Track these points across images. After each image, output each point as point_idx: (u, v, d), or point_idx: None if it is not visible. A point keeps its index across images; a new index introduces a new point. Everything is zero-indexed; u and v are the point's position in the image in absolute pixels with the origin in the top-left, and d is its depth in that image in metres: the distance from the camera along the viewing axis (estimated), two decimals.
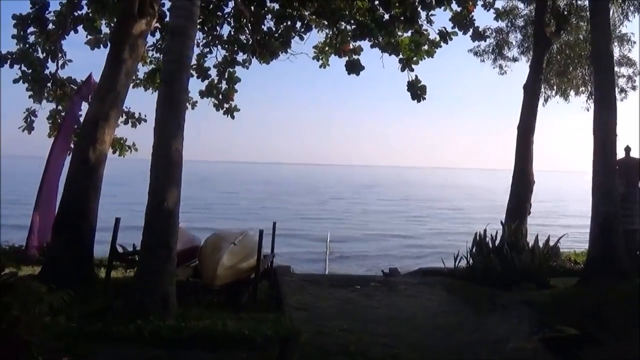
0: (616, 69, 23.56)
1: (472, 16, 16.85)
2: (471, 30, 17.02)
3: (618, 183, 14.19)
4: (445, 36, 16.88)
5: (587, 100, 24.07)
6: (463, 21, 16.72)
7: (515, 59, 24.97)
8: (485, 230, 15.79)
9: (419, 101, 16.72)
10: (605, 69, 14.36)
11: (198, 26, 17.73)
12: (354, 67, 17.08)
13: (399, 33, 17.06)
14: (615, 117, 14.01)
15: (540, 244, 15.58)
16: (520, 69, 24.51)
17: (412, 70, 16.67)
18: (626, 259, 13.84)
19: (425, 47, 17.05)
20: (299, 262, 26.26)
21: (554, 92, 24.91)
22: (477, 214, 62.27)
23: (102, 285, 12.21)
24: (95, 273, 13.59)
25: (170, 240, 10.06)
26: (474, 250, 15.63)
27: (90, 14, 16.52)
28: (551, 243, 15.98)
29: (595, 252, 13.90)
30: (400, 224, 53.13)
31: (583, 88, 24.16)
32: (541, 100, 22.09)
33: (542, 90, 22.42)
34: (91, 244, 13.42)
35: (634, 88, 24.00)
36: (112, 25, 16.43)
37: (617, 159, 14.44)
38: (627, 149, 15.98)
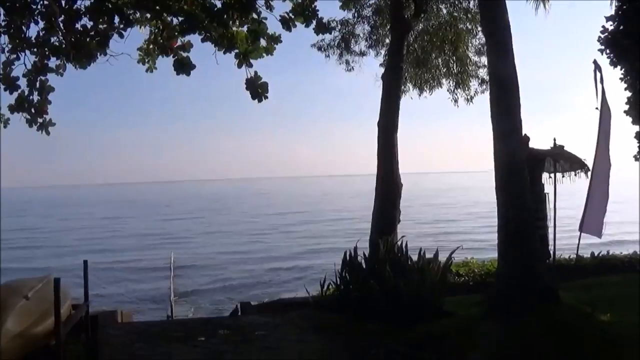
0: (475, 58, 21.84)
1: (315, 6, 14.15)
2: (314, 22, 14.28)
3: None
4: (287, 22, 14.00)
5: (454, 91, 21.90)
6: (305, 12, 13.96)
7: (363, 53, 22.68)
8: (355, 248, 12.93)
9: (260, 100, 13.96)
10: (499, 35, 11.69)
11: (3, 29, 14.47)
12: (183, 67, 14.16)
13: (234, 27, 14.24)
14: (519, 100, 11.42)
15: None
16: (369, 64, 22.47)
17: (250, 65, 13.92)
18: (546, 274, 11.21)
19: (264, 42, 14.30)
20: (141, 303, 23.17)
21: (409, 86, 22.58)
22: (339, 224, 60.31)
23: None
24: None
25: None
26: (344, 273, 12.68)
27: None
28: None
29: (507, 270, 10.95)
30: (249, 244, 50.10)
31: (445, 80, 22.00)
32: None
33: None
34: None
35: None
36: None
37: None
38: (526, 139, 13.44)
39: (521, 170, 11.06)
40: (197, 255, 41.91)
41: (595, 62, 17.04)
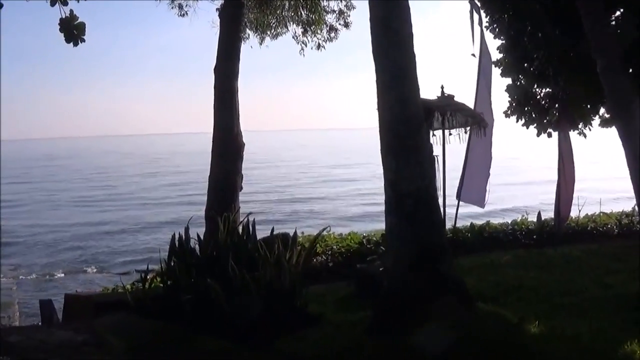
0: (324, 2, 18.89)
1: None
2: None
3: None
4: None
5: (303, 34, 18.73)
6: None
7: None
8: (187, 229, 9.67)
9: (75, 44, 10.98)
10: None
11: None
12: None
13: None
14: (411, 27, 8.22)
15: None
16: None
17: (65, 4, 10.96)
18: (454, 270, 8.18)
19: None
20: None
21: (249, 33, 19.21)
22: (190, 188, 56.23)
23: None
24: None
25: None
26: (173, 262, 9.38)
27: None
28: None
29: (402, 266, 7.71)
30: (93, 214, 45.38)
31: (291, 24, 18.86)
32: None
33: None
34: None
35: (346, 25, 18.88)
36: None
37: None
38: None
39: (420, 125, 8.02)
40: (34, 228, 37.50)
41: (471, 1, 14.75)
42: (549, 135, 17.51)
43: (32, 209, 48.43)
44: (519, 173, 61.15)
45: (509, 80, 18.04)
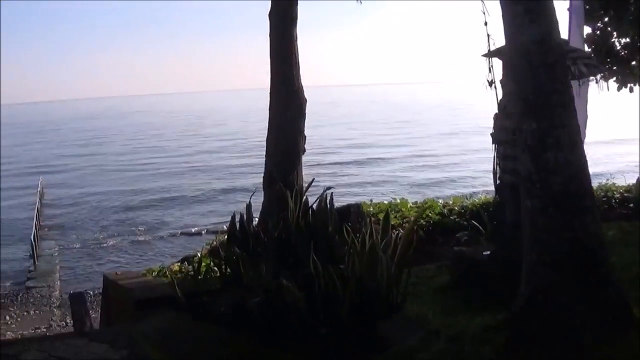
0: None
1: None
2: None
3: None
4: None
5: None
6: None
7: None
8: (249, 207, 7.85)
9: None
10: None
11: None
12: None
13: None
14: None
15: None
16: None
17: None
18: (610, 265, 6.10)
19: None
20: None
21: None
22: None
23: None
24: None
25: None
26: (232, 252, 7.52)
27: None
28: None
29: (548, 267, 5.58)
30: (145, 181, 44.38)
31: None
32: None
33: None
34: None
35: None
36: None
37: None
38: None
39: (565, 75, 5.91)
40: (82, 197, 36.46)
41: None
42: (631, 90, 15.42)
43: (79, 174, 47.46)
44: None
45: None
